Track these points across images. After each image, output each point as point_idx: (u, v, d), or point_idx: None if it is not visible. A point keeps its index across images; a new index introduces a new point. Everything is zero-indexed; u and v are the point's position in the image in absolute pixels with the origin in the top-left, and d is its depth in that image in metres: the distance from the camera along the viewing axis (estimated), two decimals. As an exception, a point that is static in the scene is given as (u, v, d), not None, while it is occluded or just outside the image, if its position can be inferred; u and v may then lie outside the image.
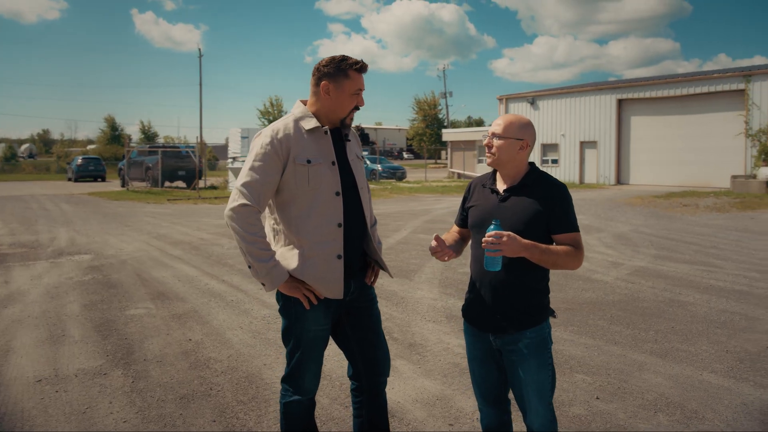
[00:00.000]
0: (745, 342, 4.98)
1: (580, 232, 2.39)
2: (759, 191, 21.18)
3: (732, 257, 9.00)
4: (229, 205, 2.42)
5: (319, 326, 2.52)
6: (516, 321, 2.36)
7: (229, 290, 6.92)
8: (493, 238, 2.20)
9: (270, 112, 56.45)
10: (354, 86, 2.49)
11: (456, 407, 3.74)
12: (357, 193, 2.57)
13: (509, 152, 2.40)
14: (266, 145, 2.44)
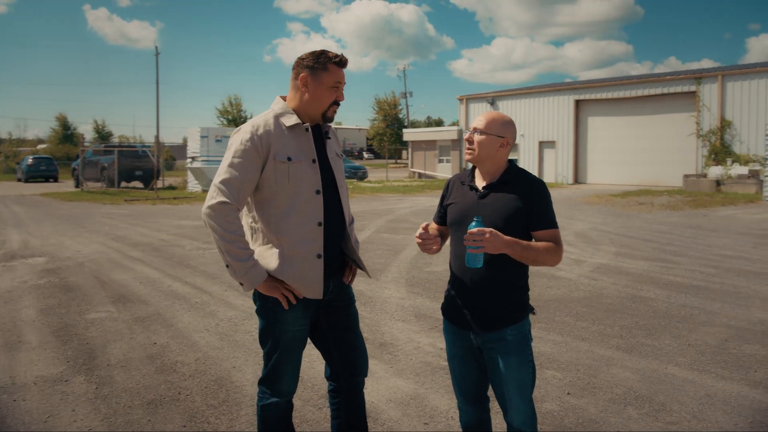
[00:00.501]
0: (705, 335, 5.12)
1: (558, 228, 2.40)
2: (709, 190, 21.88)
3: (688, 254, 9.27)
4: (206, 203, 2.35)
5: (297, 327, 2.47)
6: (497, 318, 2.36)
7: (193, 292, 6.77)
8: (475, 235, 2.20)
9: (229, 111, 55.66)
10: (333, 79, 2.45)
11: (430, 406, 3.73)
12: (336, 192, 2.53)
13: (489, 149, 2.40)
14: (246, 141, 2.38)
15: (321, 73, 2.43)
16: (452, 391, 3.90)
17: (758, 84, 23.47)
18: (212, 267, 8.21)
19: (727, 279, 7.37)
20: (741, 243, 10.39)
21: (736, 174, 21.95)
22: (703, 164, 24.52)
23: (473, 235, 2.20)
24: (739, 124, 23.84)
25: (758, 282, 7.19)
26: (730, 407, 3.70)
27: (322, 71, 2.43)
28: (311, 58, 2.43)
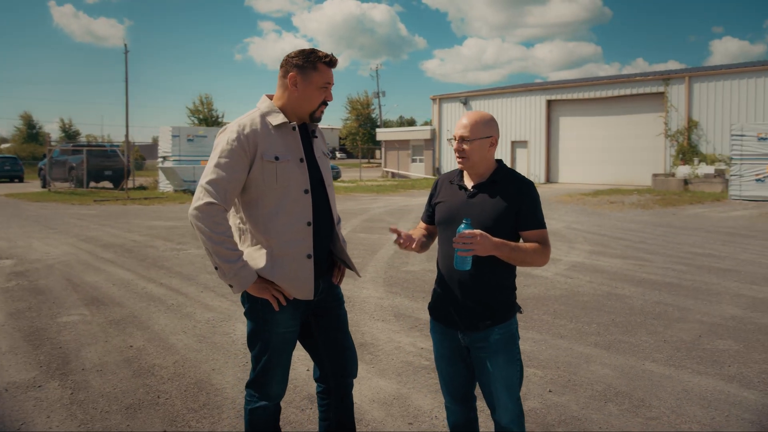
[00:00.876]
0: (680, 331, 5.21)
1: (546, 229, 2.41)
2: (677, 188, 22.32)
3: (660, 251, 9.43)
4: (193, 204, 2.30)
5: (287, 328, 2.44)
6: (485, 317, 2.36)
7: (168, 293, 6.66)
8: (465, 237, 2.19)
9: (200, 111, 54.99)
10: (322, 79, 2.42)
11: (414, 406, 3.73)
12: (324, 191, 2.50)
13: (481, 152, 2.41)
14: (232, 140, 2.33)
15: (311, 72, 2.40)
16: (435, 391, 3.91)
17: (723, 85, 24.02)
18: (187, 268, 8.09)
19: (698, 276, 7.52)
20: (710, 241, 10.62)
21: (703, 173, 22.44)
22: (671, 164, 25.01)
23: (463, 237, 2.20)
24: (705, 125, 24.37)
25: (728, 279, 7.35)
26: (706, 402, 3.77)
27: (311, 71, 2.40)
28: (301, 57, 2.40)
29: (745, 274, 7.67)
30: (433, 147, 35.68)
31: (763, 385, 4.05)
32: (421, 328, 5.36)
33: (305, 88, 2.41)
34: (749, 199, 18.09)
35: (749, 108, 23.25)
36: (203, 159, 22.80)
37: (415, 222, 13.45)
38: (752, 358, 4.57)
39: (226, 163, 2.31)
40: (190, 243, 10.29)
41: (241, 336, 5.11)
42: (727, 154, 22.06)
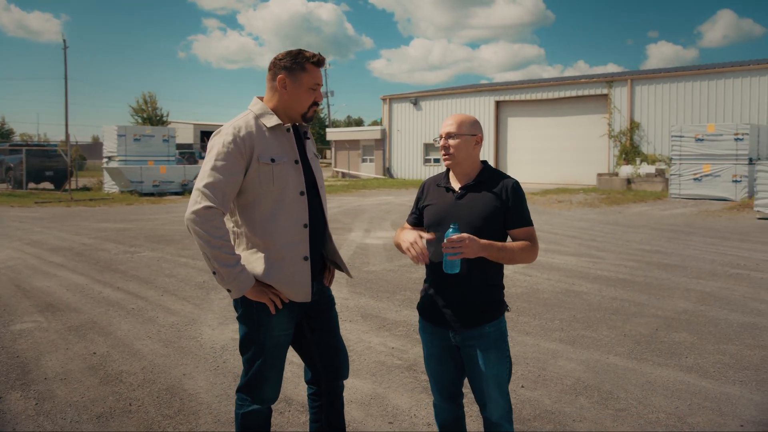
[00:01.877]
0: (638, 326, 5.43)
1: (533, 226, 2.49)
2: (621, 188, 23.11)
3: (610, 249, 9.77)
4: (190, 208, 2.27)
5: (282, 331, 2.43)
6: (476, 316, 2.42)
7: (127, 298, 6.49)
8: (454, 241, 2.23)
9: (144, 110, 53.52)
10: (311, 80, 2.42)
11: (392, 405, 3.76)
12: (317, 192, 2.51)
13: (466, 149, 2.46)
14: (229, 143, 2.31)
15: (300, 74, 2.40)
16: (411, 389, 3.96)
17: (663, 88, 25.01)
18: (144, 271, 7.89)
19: (648, 272, 7.83)
20: (656, 238, 11.06)
21: (645, 173, 23.29)
22: (615, 163, 25.86)
23: (453, 242, 2.24)
24: (646, 126, 25.31)
25: (676, 274, 7.69)
26: (669, 392, 3.95)
27: (300, 72, 2.40)
28: (288, 58, 2.40)
29: (691, 269, 8.03)
30: (384, 147, 35.80)
31: (719, 374, 4.27)
32: (389, 327, 5.41)
33: (295, 89, 2.41)
34: (688, 197, 18.89)
35: (687, 110, 24.28)
36: (150, 159, 22.25)
37: (370, 222, 13.49)
38: (706, 349, 4.80)
39: (222, 165, 2.29)
40: (143, 245, 10.03)
41: (209, 340, 5.04)
42: (667, 154, 22.99)
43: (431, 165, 33.30)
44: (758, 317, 5.71)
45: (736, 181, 18.16)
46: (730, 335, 5.15)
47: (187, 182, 22.06)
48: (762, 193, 14.18)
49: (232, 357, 4.62)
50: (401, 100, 35.26)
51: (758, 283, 7.20)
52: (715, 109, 23.56)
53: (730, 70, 23.47)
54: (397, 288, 6.95)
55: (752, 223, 13.43)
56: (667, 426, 3.47)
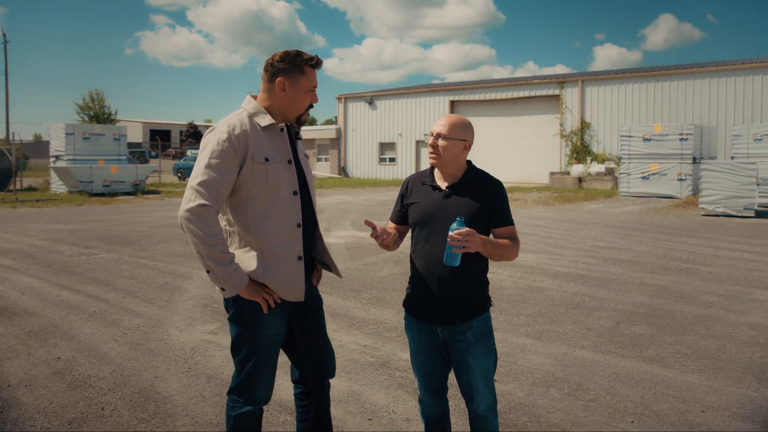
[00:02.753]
0: (600, 319, 5.61)
1: (515, 225, 2.57)
2: (573, 186, 23.74)
3: (567, 245, 10.04)
4: (184, 206, 2.25)
5: (275, 330, 2.44)
6: (464, 311, 2.48)
7: (87, 300, 6.32)
8: (463, 235, 2.29)
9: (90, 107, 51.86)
10: (309, 83, 2.43)
11: (369, 402, 3.80)
12: (308, 192, 2.52)
13: (454, 152, 2.51)
14: (223, 141, 2.30)
15: (298, 76, 2.41)
16: (387, 386, 4.01)
17: (612, 89, 25.79)
18: (102, 273, 7.70)
19: (605, 267, 8.09)
20: (609, 234, 11.42)
21: (595, 171, 23.99)
22: (567, 162, 26.53)
23: (461, 234, 2.29)
24: (596, 126, 26.05)
25: (631, 269, 7.97)
26: (634, 382, 4.11)
27: (299, 74, 2.41)
28: (288, 60, 2.40)
29: (645, 264, 8.33)
30: (339, 146, 35.75)
31: (678, 364, 4.46)
32: (359, 326, 5.44)
33: (294, 92, 2.41)
34: (636, 195, 19.55)
35: (635, 111, 25.11)
36: (100, 158, 21.63)
37: (329, 222, 13.47)
38: (665, 340, 5.01)
39: (217, 164, 2.28)
40: (99, 247, 9.77)
41: (178, 342, 4.97)
42: (617, 153, 23.70)
43: (386, 164, 33.44)
44: (710, 309, 5.98)
45: (681, 180, 18.89)
46: (686, 327, 5.38)
47: (139, 182, 21.55)
48: (706, 191, 14.80)
49: (204, 359, 4.57)
50: (356, 99, 35.28)
51: (707, 276, 7.53)
52: (661, 109, 24.44)
53: (675, 73, 24.39)
54: (362, 287, 6.98)
55: (698, 220, 14.01)
56: (635, 414, 3.61)
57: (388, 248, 2.57)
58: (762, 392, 3.95)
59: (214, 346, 4.87)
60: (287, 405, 3.71)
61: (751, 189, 14.36)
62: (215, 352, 4.72)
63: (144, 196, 20.46)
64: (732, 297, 6.48)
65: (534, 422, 3.52)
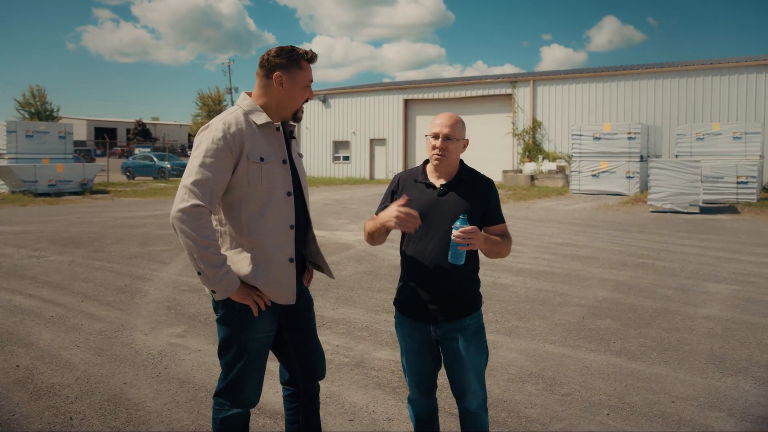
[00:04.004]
0: (566, 315, 5.73)
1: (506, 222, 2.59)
2: (525, 184, 24.19)
3: (527, 242, 10.21)
4: (177, 206, 2.17)
5: (265, 333, 2.38)
6: (457, 310, 2.48)
7: (43, 305, 6.06)
8: (469, 232, 2.28)
9: (31, 104, 49.94)
10: (307, 78, 2.39)
11: (349, 402, 3.77)
12: (302, 193, 2.47)
13: (457, 153, 2.54)
14: (218, 139, 2.23)
15: (296, 71, 2.36)
16: (365, 386, 3.99)
17: (562, 89, 26.36)
18: (55, 276, 7.40)
19: (565, 263, 8.27)
20: (565, 231, 11.68)
21: (547, 170, 24.51)
22: (519, 161, 26.99)
23: (467, 232, 2.29)
24: (548, 125, 26.60)
25: (590, 265, 8.17)
26: (606, 375, 4.21)
27: (297, 69, 2.36)
28: (284, 55, 2.35)
29: (603, 260, 8.56)
30: (293, 144, 35.42)
31: (645, 356, 4.60)
32: (330, 326, 5.39)
33: (291, 87, 2.36)
34: (587, 192, 20.07)
35: (584, 110, 25.74)
36: (45, 157, 20.83)
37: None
38: (630, 334, 5.15)
39: (211, 162, 2.21)
40: (49, 249, 9.39)
41: (144, 346, 4.82)
42: (567, 152, 24.28)
43: (341, 163, 33.33)
44: (668, 302, 6.18)
45: (630, 177, 19.49)
46: (648, 320, 5.54)
47: (87, 181, 20.83)
48: (654, 188, 15.31)
49: (173, 363, 4.45)
50: (310, 97, 34.98)
51: (662, 271, 7.78)
52: (610, 109, 25.14)
53: (623, 73, 25.12)
54: (328, 286, 6.93)
55: (647, 216, 14.48)
56: (610, 407, 3.70)
57: (373, 240, 2.54)
58: (725, 381, 4.11)
59: (182, 349, 4.75)
60: (266, 408, 3.65)
61: (696, 186, 14.94)
62: (184, 356, 4.60)
63: (93, 196, 19.80)
64: (687, 290, 6.72)
65: (513, 418, 3.56)
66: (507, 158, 27.70)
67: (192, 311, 5.80)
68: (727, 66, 22.80)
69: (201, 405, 3.70)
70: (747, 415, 3.59)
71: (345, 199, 19.15)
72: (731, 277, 7.42)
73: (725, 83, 22.76)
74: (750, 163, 16.75)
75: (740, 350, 4.74)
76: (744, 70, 22.46)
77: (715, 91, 22.93)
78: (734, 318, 5.61)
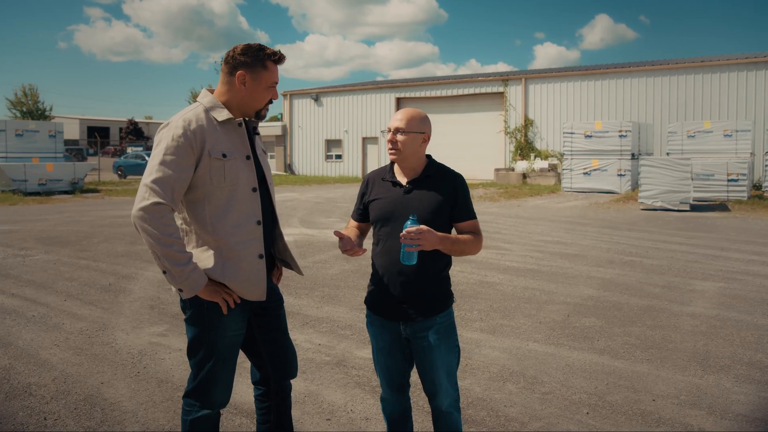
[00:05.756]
0: (551, 313, 5.71)
1: (477, 219, 2.56)
2: (517, 182, 24.19)
3: (515, 240, 10.20)
4: (138, 204, 2.13)
5: (235, 331, 2.34)
6: (427, 308, 2.45)
7: (24, 305, 6.01)
8: (413, 233, 2.26)
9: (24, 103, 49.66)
10: (271, 78, 2.35)
11: (327, 401, 3.74)
12: (267, 189, 2.44)
13: (413, 146, 2.48)
14: (178, 137, 2.19)
15: (260, 71, 2.32)
16: (344, 385, 3.96)
17: (554, 87, 26.38)
18: (39, 276, 7.34)
19: (553, 261, 8.26)
20: (555, 229, 11.67)
21: (539, 168, 24.51)
22: (511, 159, 27.00)
23: (411, 233, 2.26)
24: (539, 123, 26.61)
25: (578, 263, 8.16)
26: (587, 373, 4.19)
27: (261, 69, 2.32)
28: (249, 54, 2.31)
29: (591, 258, 8.55)
30: (285, 143, 35.35)
31: (628, 354, 4.58)
32: (313, 324, 5.36)
33: (254, 87, 2.32)
34: (579, 190, 20.08)
35: (576, 108, 25.76)
36: (35, 156, 20.69)
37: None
38: (614, 332, 5.13)
39: (172, 160, 2.17)
40: (35, 248, 9.32)
41: (125, 345, 4.77)
42: (559, 150, 24.28)
43: (333, 161, 33.28)
44: (654, 300, 6.17)
45: (621, 175, 19.51)
46: (633, 318, 5.53)
47: (77, 180, 20.71)
48: (645, 186, 15.33)
49: (153, 362, 4.41)
50: (302, 96, 34.95)
51: (650, 269, 7.78)
52: (602, 107, 25.16)
53: (614, 71, 25.15)
54: (314, 284, 6.90)
55: (637, 214, 14.49)
56: (590, 405, 3.68)
57: (356, 254, 2.49)
58: (706, 379, 4.09)
59: (163, 348, 4.71)
60: (242, 407, 3.61)
61: (686, 184, 14.96)
62: (164, 355, 4.56)
63: (83, 195, 19.68)
64: (673, 288, 6.72)
65: (492, 417, 3.54)
66: (499, 156, 27.70)
67: (175, 310, 5.75)
68: (718, 64, 22.85)
69: (178, 405, 3.65)
70: (727, 413, 3.57)
71: (336, 198, 19.11)
72: (718, 274, 7.43)
73: (716, 81, 22.82)
74: (740, 160, 16.78)
75: (724, 348, 4.73)
76: (735, 67, 22.52)
77: (707, 88, 22.98)
78: (719, 315, 5.61)
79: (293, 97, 35.17)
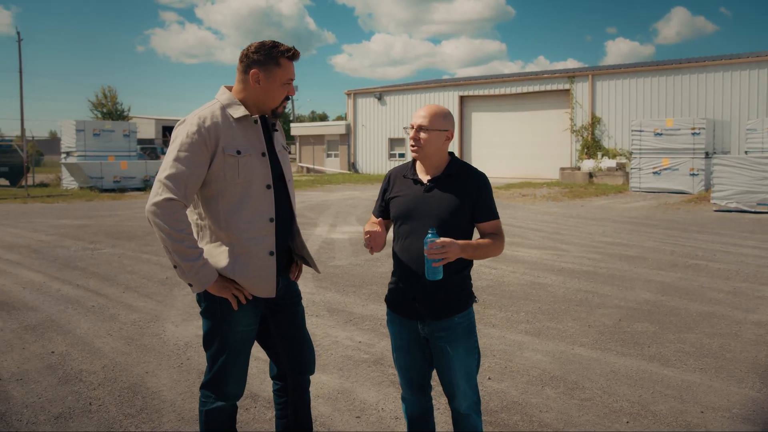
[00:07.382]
0: (602, 317, 5.51)
1: (500, 219, 2.49)
2: (583, 181, 23.49)
3: (574, 241, 9.91)
4: (151, 200, 2.19)
5: (246, 326, 2.38)
6: (445, 307, 2.41)
7: (87, 295, 6.31)
8: (437, 249, 2.21)
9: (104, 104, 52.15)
10: (285, 75, 2.36)
11: (359, 399, 3.74)
12: (285, 186, 2.46)
13: (435, 144, 2.43)
14: (193, 133, 2.24)
15: (273, 69, 2.34)
16: (379, 383, 3.95)
17: (622, 84, 25.48)
18: (104, 268, 7.70)
19: (611, 264, 7.97)
20: (618, 230, 11.26)
21: (606, 167, 23.71)
22: (577, 158, 26.26)
23: (436, 248, 2.21)
24: (607, 121, 25.76)
25: (638, 265, 7.84)
26: (632, 381, 4.01)
27: (274, 67, 2.34)
28: (262, 52, 2.33)
29: (652, 260, 8.19)
30: (348, 142, 35.68)
31: (680, 363, 4.36)
32: (356, 322, 5.38)
33: (268, 85, 2.34)
34: (647, 191, 19.30)
35: (646, 105, 24.79)
36: (111, 154, 21.73)
37: (336, 217, 13.43)
38: (667, 338, 4.90)
39: (186, 156, 2.22)
40: (104, 242, 9.79)
41: (172, 337, 4.93)
42: (627, 148, 23.42)
43: (396, 159, 33.31)
44: (716, 306, 5.85)
45: (693, 175, 18.62)
46: (690, 324, 5.26)
47: (149, 178, 21.60)
48: (718, 186, 14.57)
49: (197, 354, 4.53)
50: (366, 95, 35.17)
51: (716, 273, 7.38)
52: (673, 104, 24.10)
53: (687, 66, 24.03)
54: (363, 282, 6.92)
55: (709, 215, 13.80)
56: (631, 414, 3.52)
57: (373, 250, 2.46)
58: (765, 393, 3.84)
59: (208, 341, 4.83)
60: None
61: (765, 184, 14.11)
62: (209, 348, 4.68)
63: (153, 192, 20.51)
64: (740, 294, 6.35)
65: (526, 421, 3.44)
66: (564, 155, 27.01)
67: (225, 304, 5.89)
68: (803, 57, 21.45)
69: (214, 396, 3.74)
70: (782, 429, 3.34)
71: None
72: (791, 280, 6.97)
73: (801, 75, 21.42)
74: (826, 160, 15.69)
75: (787, 359, 4.43)
76: (822, 61, 21.08)
77: (790, 83, 21.62)
78: (786, 324, 5.26)
79: (357, 96, 35.45)
